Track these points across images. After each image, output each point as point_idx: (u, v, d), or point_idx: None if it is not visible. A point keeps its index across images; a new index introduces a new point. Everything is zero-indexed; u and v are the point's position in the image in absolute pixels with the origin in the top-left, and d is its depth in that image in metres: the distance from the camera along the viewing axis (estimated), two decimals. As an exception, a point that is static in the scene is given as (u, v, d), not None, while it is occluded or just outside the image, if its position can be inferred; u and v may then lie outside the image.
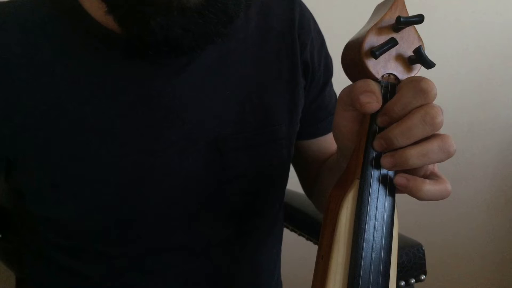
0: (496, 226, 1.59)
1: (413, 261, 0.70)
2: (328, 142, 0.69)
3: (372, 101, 0.41)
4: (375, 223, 0.43)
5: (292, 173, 0.74)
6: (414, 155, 0.40)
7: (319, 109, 0.68)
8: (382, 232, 0.43)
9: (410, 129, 0.40)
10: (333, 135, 0.48)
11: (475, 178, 1.53)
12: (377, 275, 0.42)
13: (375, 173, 0.43)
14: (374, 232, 0.42)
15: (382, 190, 0.43)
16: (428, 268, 0.71)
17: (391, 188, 0.43)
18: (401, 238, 0.72)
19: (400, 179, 0.42)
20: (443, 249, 1.46)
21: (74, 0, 0.54)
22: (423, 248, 0.71)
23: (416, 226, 1.19)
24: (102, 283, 0.59)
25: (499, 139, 1.53)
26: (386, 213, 0.43)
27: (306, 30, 0.64)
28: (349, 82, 0.45)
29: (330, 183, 0.48)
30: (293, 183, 0.75)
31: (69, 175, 0.53)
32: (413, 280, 0.70)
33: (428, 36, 0.45)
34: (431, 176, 0.44)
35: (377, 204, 0.43)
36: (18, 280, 0.77)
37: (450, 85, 1.41)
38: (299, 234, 0.85)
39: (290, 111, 0.62)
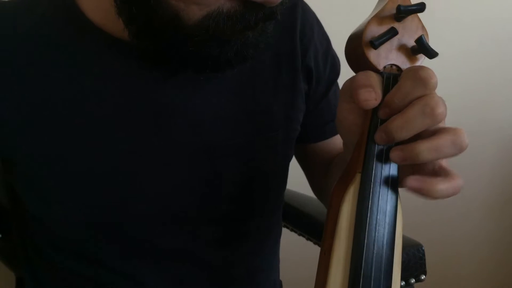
0: (495, 226, 1.59)
1: (413, 261, 0.70)
2: (336, 144, 0.68)
3: (371, 98, 0.40)
4: (377, 218, 0.41)
5: (292, 173, 0.74)
6: (425, 150, 0.38)
7: (324, 111, 0.66)
8: (384, 227, 0.41)
9: (410, 120, 0.39)
10: (337, 128, 0.47)
11: (475, 178, 1.52)
12: (379, 271, 0.41)
13: (378, 167, 0.41)
14: (376, 227, 0.41)
15: (384, 184, 0.41)
16: (428, 268, 0.71)
17: (393, 182, 0.42)
18: (401, 238, 0.73)
19: (414, 182, 0.39)
20: (443, 249, 1.46)
21: (70, 0, 0.53)
22: (423, 248, 0.71)
23: (416, 225, 1.19)
24: (98, 284, 0.58)
25: (499, 138, 1.53)
26: (388, 207, 0.41)
27: (308, 34, 0.62)
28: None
29: (337, 179, 0.47)
30: (293, 183, 0.75)
31: (54, 175, 0.52)
32: (413, 280, 0.70)
33: (429, 35, 0.44)
34: (440, 171, 0.41)
35: (379, 198, 0.41)
36: (18, 280, 0.77)
37: (449, 84, 1.41)
38: (299, 234, 0.85)
39: (287, 117, 0.61)
